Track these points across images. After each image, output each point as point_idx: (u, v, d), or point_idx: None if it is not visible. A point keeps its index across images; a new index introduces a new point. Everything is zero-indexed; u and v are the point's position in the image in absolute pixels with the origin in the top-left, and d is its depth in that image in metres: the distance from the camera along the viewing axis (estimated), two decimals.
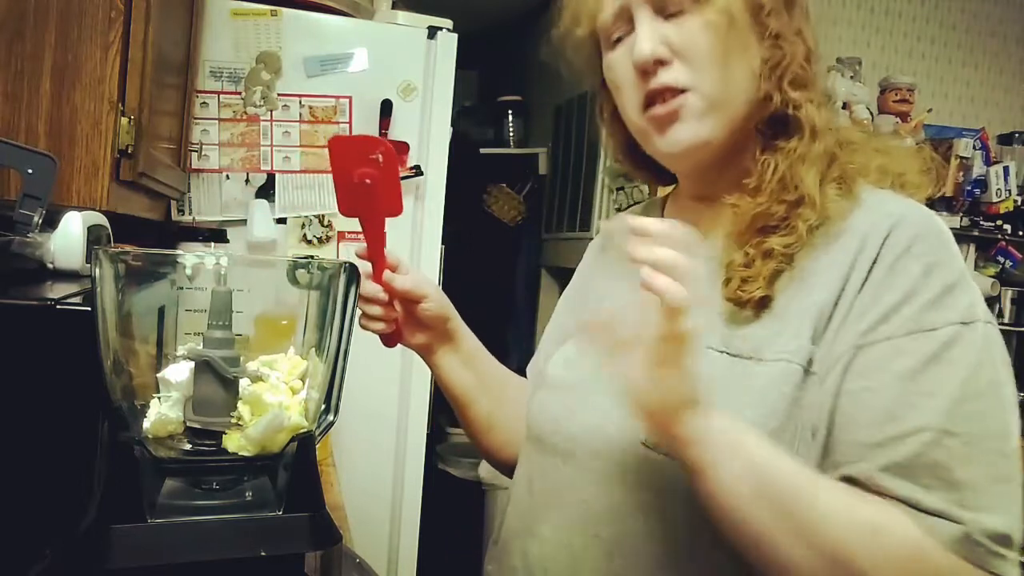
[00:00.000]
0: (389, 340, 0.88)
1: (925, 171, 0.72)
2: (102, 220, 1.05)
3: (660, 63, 0.68)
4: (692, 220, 0.67)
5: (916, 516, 0.57)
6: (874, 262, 0.64)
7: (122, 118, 1.09)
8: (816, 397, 0.64)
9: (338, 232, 1.85)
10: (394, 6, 2.06)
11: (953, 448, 0.58)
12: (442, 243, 1.93)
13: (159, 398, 0.63)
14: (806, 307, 0.66)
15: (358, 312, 0.81)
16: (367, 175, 0.76)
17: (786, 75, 0.69)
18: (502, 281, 3.78)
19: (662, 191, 0.92)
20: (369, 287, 0.83)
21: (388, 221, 0.80)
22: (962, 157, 2.92)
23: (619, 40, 0.73)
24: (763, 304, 0.67)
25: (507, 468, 0.93)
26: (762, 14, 0.70)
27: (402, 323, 0.87)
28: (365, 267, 0.82)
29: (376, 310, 0.84)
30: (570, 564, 0.72)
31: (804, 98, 0.70)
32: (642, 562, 0.68)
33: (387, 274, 0.83)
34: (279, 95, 1.79)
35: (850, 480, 0.61)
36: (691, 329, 0.56)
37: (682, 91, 0.69)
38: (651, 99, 0.70)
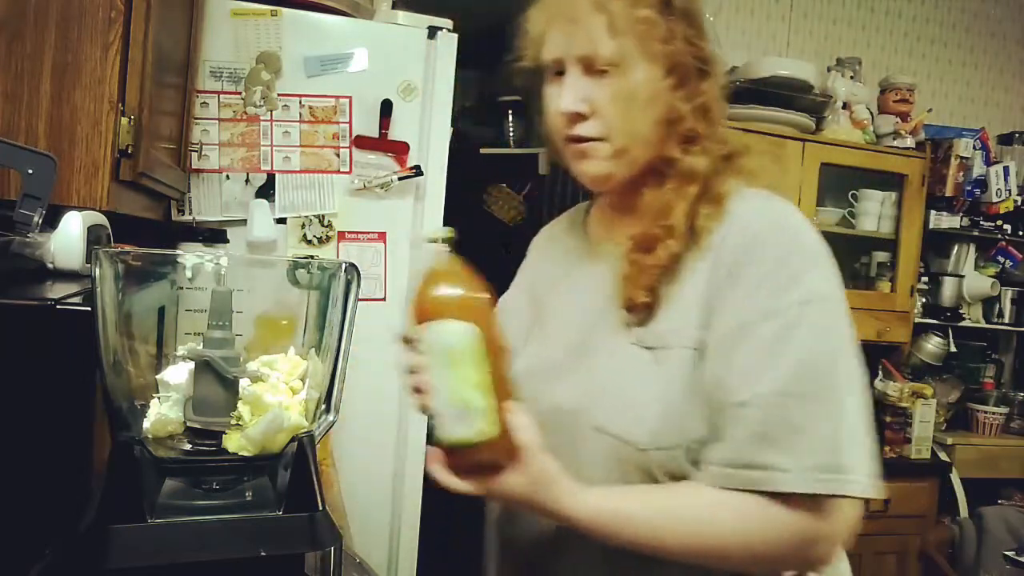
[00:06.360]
0: None
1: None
2: (102, 220, 1.05)
3: (579, 116, 0.82)
4: (607, 230, 0.91)
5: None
6: (735, 260, 0.77)
7: (122, 118, 1.08)
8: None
9: (338, 232, 1.84)
10: (394, 6, 2.06)
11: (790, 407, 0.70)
12: None
13: (159, 398, 0.63)
14: (693, 300, 0.78)
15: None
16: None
17: (678, 134, 0.82)
18: (502, 281, 3.78)
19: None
20: None
21: (390, 220, 0.79)
22: (962, 157, 2.92)
23: (558, 73, 0.85)
24: (650, 307, 0.80)
25: None
26: (675, 85, 0.81)
27: None
28: None
29: None
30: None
31: (690, 150, 0.82)
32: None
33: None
34: (279, 95, 1.79)
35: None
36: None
37: (594, 139, 0.82)
38: (570, 137, 0.84)
